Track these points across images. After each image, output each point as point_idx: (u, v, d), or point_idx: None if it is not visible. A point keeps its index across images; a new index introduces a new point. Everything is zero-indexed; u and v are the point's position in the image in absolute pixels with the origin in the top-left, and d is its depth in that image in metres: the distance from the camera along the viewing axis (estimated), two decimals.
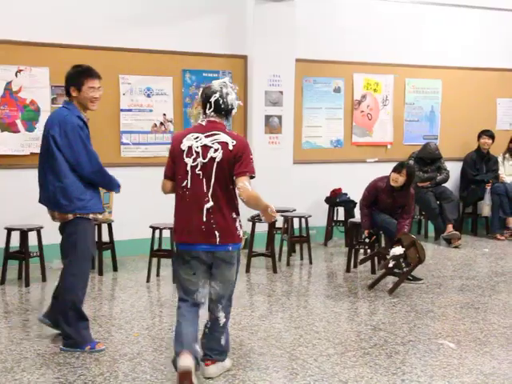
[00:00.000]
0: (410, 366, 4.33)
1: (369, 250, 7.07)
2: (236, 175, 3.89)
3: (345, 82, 8.75)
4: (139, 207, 7.51)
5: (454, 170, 9.18)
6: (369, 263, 6.86)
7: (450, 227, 8.53)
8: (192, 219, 3.91)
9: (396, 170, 6.53)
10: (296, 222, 7.61)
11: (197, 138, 3.93)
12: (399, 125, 9.17)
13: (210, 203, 3.87)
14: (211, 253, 3.93)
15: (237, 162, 3.89)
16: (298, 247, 7.74)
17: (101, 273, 6.68)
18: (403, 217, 6.52)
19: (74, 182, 4.44)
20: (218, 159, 3.86)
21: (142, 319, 5.28)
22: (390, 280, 6.35)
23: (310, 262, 7.37)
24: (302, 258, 7.58)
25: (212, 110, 3.97)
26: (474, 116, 9.46)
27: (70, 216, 4.47)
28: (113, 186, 4.77)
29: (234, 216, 3.95)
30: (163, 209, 7.28)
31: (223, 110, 4.00)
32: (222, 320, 4.05)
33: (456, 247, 8.35)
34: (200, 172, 3.88)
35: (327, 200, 8.49)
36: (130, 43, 7.42)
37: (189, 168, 3.89)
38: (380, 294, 6.08)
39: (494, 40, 9.50)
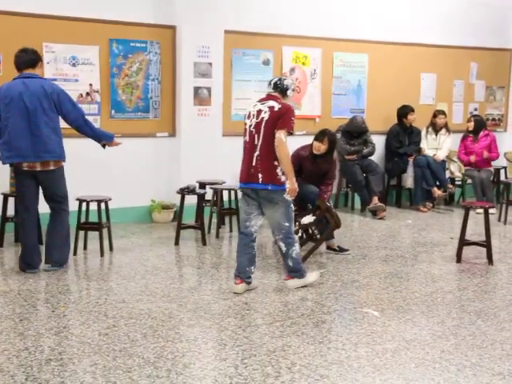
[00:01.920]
0: (335, 334, 4.44)
1: (297, 223, 7.15)
2: (276, 129, 5.03)
3: (274, 55, 8.76)
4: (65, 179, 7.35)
5: (379, 143, 9.38)
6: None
7: (375, 199, 8.73)
8: (246, 164, 5.18)
9: (317, 138, 6.61)
10: (225, 194, 7.62)
11: (255, 105, 5.25)
12: (327, 98, 9.27)
13: (257, 152, 5.10)
14: (256, 190, 5.14)
15: (279, 119, 5.04)
16: (227, 219, 7.77)
17: None
18: (326, 183, 6.61)
19: (61, 136, 5.55)
20: (265, 119, 5.08)
21: (69, 293, 5.20)
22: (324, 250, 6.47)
23: None
24: (231, 230, 7.61)
25: (271, 87, 5.27)
26: (399, 90, 9.66)
27: (63, 162, 5.62)
28: (103, 135, 5.84)
29: (276, 163, 5.08)
30: (89, 181, 7.22)
31: (278, 87, 5.24)
32: (283, 248, 5.27)
33: (381, 219, 8.56)
34: (253, 129, 5.14)
35: None
36: (55, 10, 7.17)
37: (247, 127, 5.21)
38: (307, 265, 6.17)
39: (419, 16, 9.67)
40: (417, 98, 9.92)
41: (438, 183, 9.32)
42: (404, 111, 9.39)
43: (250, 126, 5.17)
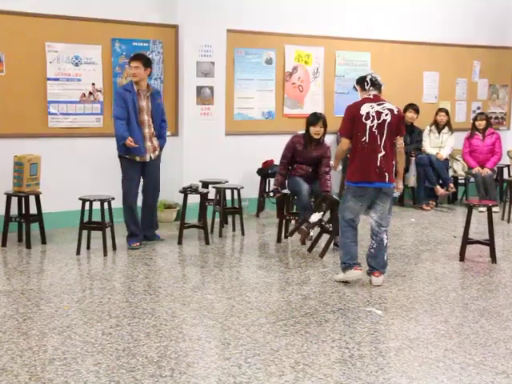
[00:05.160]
0: (339, 333, 4.44)
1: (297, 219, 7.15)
2: (399, 135, 5.48)
3: (276, 54, 8.75)
4: (68, 179, 7.37)
5: None
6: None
7: None
8: (371, 164, 5.32)
9: (314, 123, 6.72)
10: (228, 193, 7.62)
11: (371, 106, 5.39)
12: (330, 97, 9.26)
13: (383, 153, 5.33)
14: (379, 189, 5.37)
15: (399, 124, 5.47)
16: (230, 219, 7.77)
17: (29, 246, 6.51)
18: (325, 171, 6.71)
19: (117, 132, 6.42)
20: (388, 121, 5.34)
21: (72, 292, 5.20)
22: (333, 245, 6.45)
23: (243, 233, 7.41)
24: (234, 230, 7.61)
25: (370, 85, 5.46)
26: (401, 89, 9.61)
27: (118, 157, 6.54)
28: (117, 137, 6.47)
29: (394, 163, 5.48)
30: (92, 180, 7.23)
31: (376, 85, 5.50)
32: (385, 240, 5.52)
33: None
34: (375, 130, 5.32)
35: (259, 171, 8.53)
36: (58, 9, 7.17)
37: (367, 128, 5.30)
38: (310, 263, 6.19)
39: (421, 14, 9.66)
40: (419, 97, 9.90)
41: (440, 182, 9.31)
42: (405, 108, 9.32)
43: (372, 126, 5.33)
